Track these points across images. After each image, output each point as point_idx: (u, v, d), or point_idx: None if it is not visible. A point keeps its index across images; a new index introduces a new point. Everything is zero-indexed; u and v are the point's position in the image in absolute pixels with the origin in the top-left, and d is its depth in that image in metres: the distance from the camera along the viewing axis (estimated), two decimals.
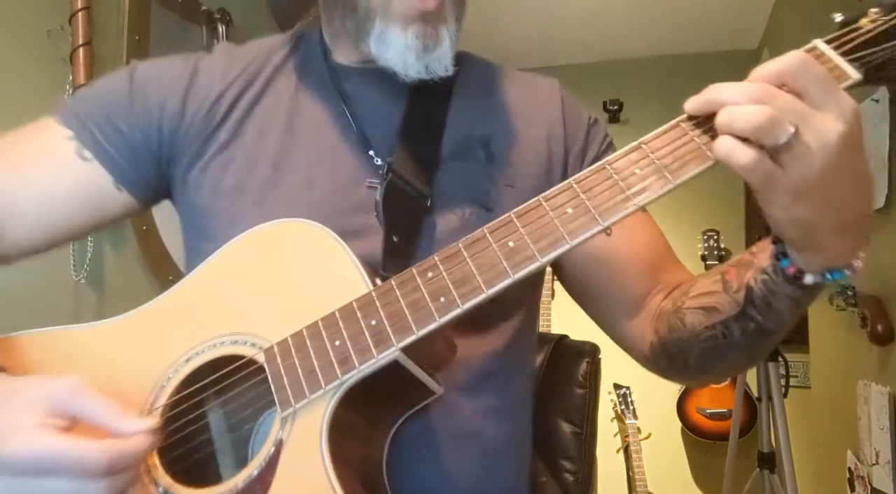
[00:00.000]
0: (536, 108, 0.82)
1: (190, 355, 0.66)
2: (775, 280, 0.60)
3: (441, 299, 0.58)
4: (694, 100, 0.54)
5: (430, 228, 0.73)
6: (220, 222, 0.74)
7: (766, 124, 0.49)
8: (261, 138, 0.76)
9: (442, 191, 0.74)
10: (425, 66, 0.72)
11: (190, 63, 0.79)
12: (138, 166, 0.77)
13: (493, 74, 0.85)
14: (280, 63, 0.81)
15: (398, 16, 0.70)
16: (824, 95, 0.50)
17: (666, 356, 0.73)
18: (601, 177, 0.56)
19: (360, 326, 0.59)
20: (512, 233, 0.57)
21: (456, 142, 0.77)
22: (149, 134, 0.76)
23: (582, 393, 1.41)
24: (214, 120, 0.76)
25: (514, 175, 0.77)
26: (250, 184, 0.74)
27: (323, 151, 0.75)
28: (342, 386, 0.59)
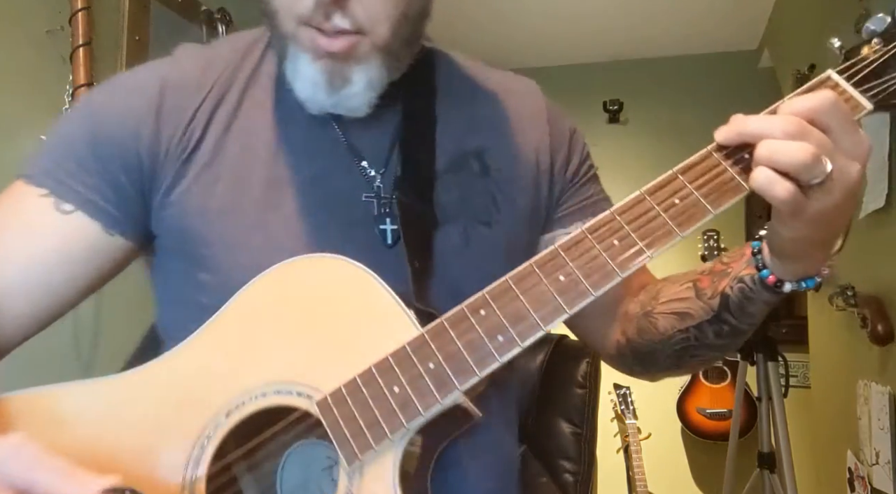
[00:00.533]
0: (522, 116, 0.80)
1: (229, 409, 0.61)
2: (753, 288, 0.64)
3: (499, 338, 0.57)
4: (726, 131, 0.56)
5: (438, 247, 0.71)
6: (216, 250, 0.69)
7: (811, 163, 0.52)
8: (246, 154, 0.71)
9: (442, 207, 0.72)
10: (333, 104, 0.68)
11: (153, 79, 0.72)
12: (124, 205, 0.70)
13: (473, 77, 0.82)
14: (255, 67, 0.75)
15: (307, 47, 0.66)
16: (850, 135, 0.54)
17: (634, 355, 0.76)
18: (642, 208, 0.58)
19: (419, 370, 0.58)
20: (561, 268, 0.58)
21: (450, 154, 0.75)
22: (128, 168, 0.70)
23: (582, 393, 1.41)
24: (192, 139, 0.70)
25: (510, 188, 0.76)
26: (243, 206, 0.69)
27: (315, 166, 0.71)
28: (408, 434, 0.58)
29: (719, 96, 3.34)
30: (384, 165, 0.72)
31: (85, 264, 0.70)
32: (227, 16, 2.02)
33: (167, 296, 0.75)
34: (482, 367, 0.57)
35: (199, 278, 0.69)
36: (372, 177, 0.72)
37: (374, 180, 0.71)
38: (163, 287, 0.76)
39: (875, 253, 1.80)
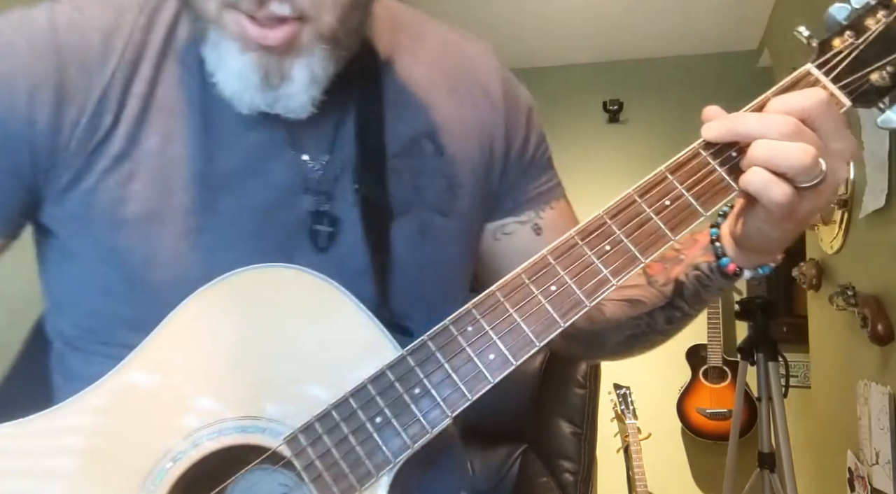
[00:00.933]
0: (479, 92, 0.70)
1: (176, 453, 0.52)
2: (710, 276, 0.62)
3: (490, 356, 0.53)
4: (716, 128, 0.54)
5: (395, 241, 0.63)
6: (131, 260, 0.57)
7: (811, 165, 0.50)
8: (169, 146, 0.58)
9: (396, 197, 0.63)
10: (270, 103, 0.57)
11: (43, 41, 0.56)
12: (9, 207, 0.59)
13: (425, 49, 0.70)
14: (169, 29, 0.60)
15: (233, 34, 0.53)
16: (840, 137, 0.52)
17: (582, 341, 0.74)
18: (631, 213, 0.55)
19: (404, 399, 0.52)
20: (554, 278, 0.54)
21: (401, 136, 0.65)
22: (14, 162, 0.57)
23: (582, 393, 1.41)
24: (101, 126, 0.57)
25: (463, 173, 0.67)
26: (168, 211, 0.57)
27: (251, 158, 0.60)
28: (394, 469, 0.52)
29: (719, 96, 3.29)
30: (327, 153, 0.62)
31: None
32: None
33: (65, 300, 0.63)
34: (474, 391, 0.53)
35: (104, 282, 0.59)
36: (308, 166, 0.62)
37: (315, 174, 0.61)
38: (58, 288, 0.64)
39: (875, 253, 1.80)
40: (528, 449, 1.42)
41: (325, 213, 0.61)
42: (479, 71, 0.72)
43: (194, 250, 0.57)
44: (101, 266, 0.59)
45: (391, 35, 0.68)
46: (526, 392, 1.44)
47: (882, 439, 1.66)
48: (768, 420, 2.25)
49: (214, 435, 0.52)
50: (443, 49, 0.71)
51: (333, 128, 0.63)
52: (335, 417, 0.52)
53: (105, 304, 0.58)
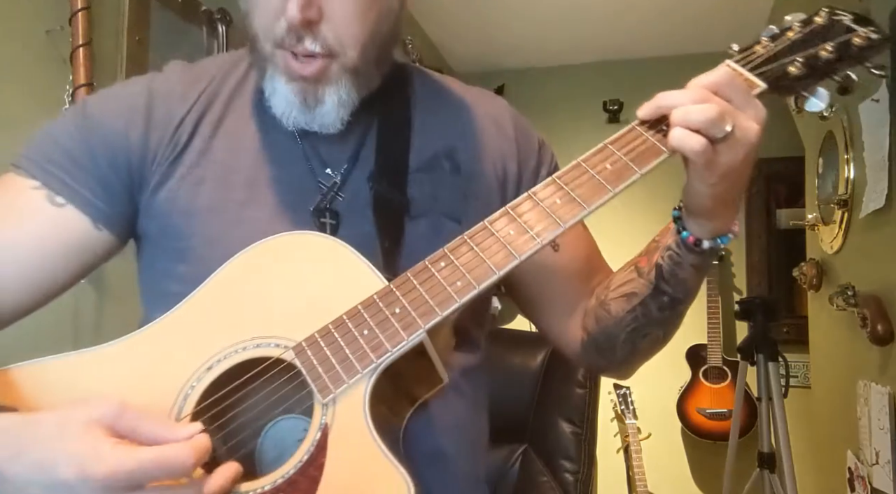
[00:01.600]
0: (490, 124, 0.86)
1: (211, 363, 0.66)
2: (679, 252, 0.73)
3: (457, 283, 0.65)
4: (646, 106, 0.67)
5: (409, 236, 0.76)
6: (197, 242, 0.74)
7: (715, 118, 0.62)
8: (231, 158, 0.77)
9: (415, 202, 0.78)
10: (307, 122, 0.75)
11: (143, 87, 0.78)
12: (113, 201, 0.75)
13: (446, 88, 0.89)
14: (238, 83, 0.81)
15: (282, 69, 0.73)
16: (746, 102, 0.65)
17: (595, 347, 0.83)
18: (577, 171, 0.68)
19: (385, 315, 0.65)
20: (511, 223, 0.67)
21: (423, 154, 0.81)
22: (117, 166, 0.75)
23: (582, 393, 1.41)
24: (179, 144, 0.76)
25: (478, 188, 0.82)
26: (227, 205, 0.75)
27: (289, 170, 0.78)
28: (377, 370, 0.63)
29: None
30: (345, 166, 0.79)
31: (74, 256, 0.74)
32: (228, 16, 2.02)
33: (147, 287, 0.80)
34: (444, 308, 0.64)
35: (177, 270, 0.74)
36: (328, 175, 0.78)
37: (332, 177, 0.78)
38: (145, 279, 0.80)
39: (875, 253, 1.80)
40: (528, 449, 1.42)
41: (328, 209, 0.76)
42: (492, 109, 0.88)
43: (244, 233, 0.71)
44: (177, 252, 0.74)
45: (421, 81, 0.87)
46: (526, 392, 1.44)
47: (882, 439, 1.66)
48: (768, 420, 2.25)
49: (240, 350, 0.67)
50: (462, 92, 0.89)
51: (355, 147, 0.80)
52: (333, 332, 0.65)
53: (181, 288, 0.70)
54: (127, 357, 0.68)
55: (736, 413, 2.44)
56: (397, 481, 0.59)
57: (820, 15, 0.71)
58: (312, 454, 0.62)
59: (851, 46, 0.69)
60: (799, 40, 0.70)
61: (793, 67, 0.69)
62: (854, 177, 1.94)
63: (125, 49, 1.71)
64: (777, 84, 0.69)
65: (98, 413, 0.55)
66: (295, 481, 0.61)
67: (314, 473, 0.61)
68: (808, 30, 0.71)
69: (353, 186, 0.78)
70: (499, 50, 3.51)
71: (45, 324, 0.73)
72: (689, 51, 3.50)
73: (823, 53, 0.69)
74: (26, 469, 0.53)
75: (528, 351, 1.49)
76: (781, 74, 0.69)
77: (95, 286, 1.61)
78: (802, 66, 0.69)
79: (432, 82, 0.89)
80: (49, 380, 0.67)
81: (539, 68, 3.70)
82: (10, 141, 1.43)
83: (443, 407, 0.76)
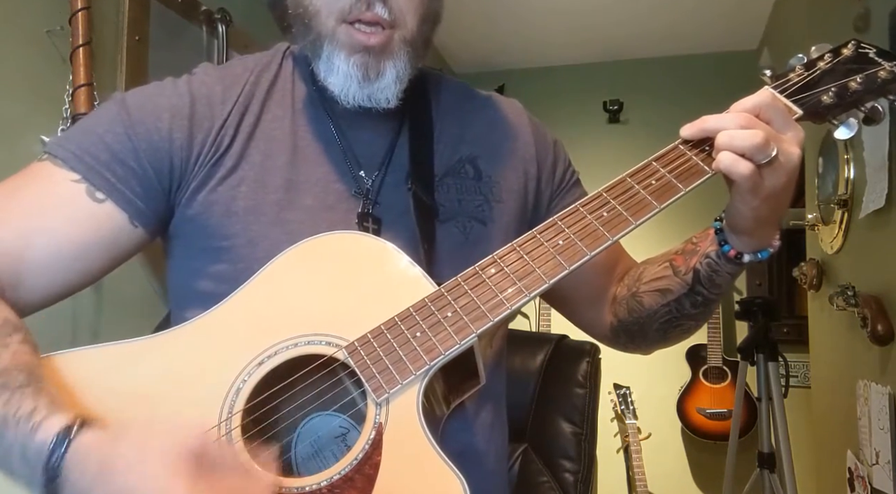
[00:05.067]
0: (509, 128, 0.90)
1: (262, 358, 0.67)
2: (718, 261, 0.76)
3: (508, 290, 0.67)
4: (690, 127, 0.70)
5: (440, 239, 0.80)
6: (237, 242, 0.76)
7: (762, 143, 0.64)
8: (268, 160, 0.79)
9: (443, 207, 0.81)
10: (367, 95, 0.77)
11: (183, 89, 0.80)
12: (150, 200, 0.77)
13: (464, 95, 0.91)
14: (270, 85, 0.83)
15: (343, 44, 0.75)
16: (787, 125, 0.69)
17: (627, 333, 0.88)
18: (622, 187, 0.70)
19: (438, 318, 0.66)
20: (559, 233, 0.69)
21: (446, 160, 0.84)
22: (159, 167, 0.76)
23: (582, 393, 1.41)
24: (222, 147, 0.78)
25: (501, 191, 0.85)
26: (265, 206, 0.77)
27: (322, 171, 0.80)
28: (430, 372, 0.65)
29: (719, 96, 3.32)
30: (377, 170, 0.81)
31: (107, 250, 0.76)
32: (227, 16, 2.02)
33: (178, 285, 0.82)
34: (495, 314, 0.66)
35: (214, 269, 0.76)
36: (362, 179, 0.81)
37: (366, 184, 0.80)
38: (176, 277, 0.82)
39: (875, 253, 1.80)
40: (527, 449, 1.42)
41: (369, 215, 0.79)
42: (510, 114, 0.91)
43: (284, 233, 0.75)
44: (216, 251, 0.76)
45: (441, 87, 0.90)
46: (526, 391, 1.44)
47: (882, 439, 1.66)
48: (768, 420, 2.25)
49: (291, 346, 0.68)
50: (481, 98, 0.92)
51: (385, 152, 0.82)
52: (385, 333, 0.66)
53: (216, 287, 0.73)
54: (175, 349, 0.69)
55: (736, 413, 2.43)
56: (452, 481, 0.61)
57: (847, 47, 0.75)
58: (367, 452, 0.63)
59: (877, 79, 0.73)
60: (829, 70, 0.74)
61: (826, 96, 0.73)
62: (854, 177, 1.93)
63: (125, 49, 1.71)
64: (812, 111, 0.73)
65: (183, 448, 0.54)
66: (351, 478, 0.62)
67: (370, 471, 0.62)
68: (837, 61, 0.75)
69: (388, 191, 0.81)
70: (499, 50, 3.51)
71: (43, 328, 0.73)
72: (689, 51, 3.50)
73: (853, 84, 0.72)
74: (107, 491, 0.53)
75: (528, 351, 1.49)
76: (816, 102, 0.73)
77: (94, 289, 1.61)
78: (835, 96, 0.72)
79: (453, 88, 0.91)
80: (97, 371, 0.67)
81: (539, 68, 3.70)
82: (11, 140, 1.43)
83: (476, 407, 0.80)
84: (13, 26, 1.46)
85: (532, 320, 3.10)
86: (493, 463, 0.83)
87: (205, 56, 1.97)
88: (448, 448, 0.72)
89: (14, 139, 1.44)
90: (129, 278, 1.70)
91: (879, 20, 1.69)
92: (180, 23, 1.91)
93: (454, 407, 0.74)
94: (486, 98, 0.92)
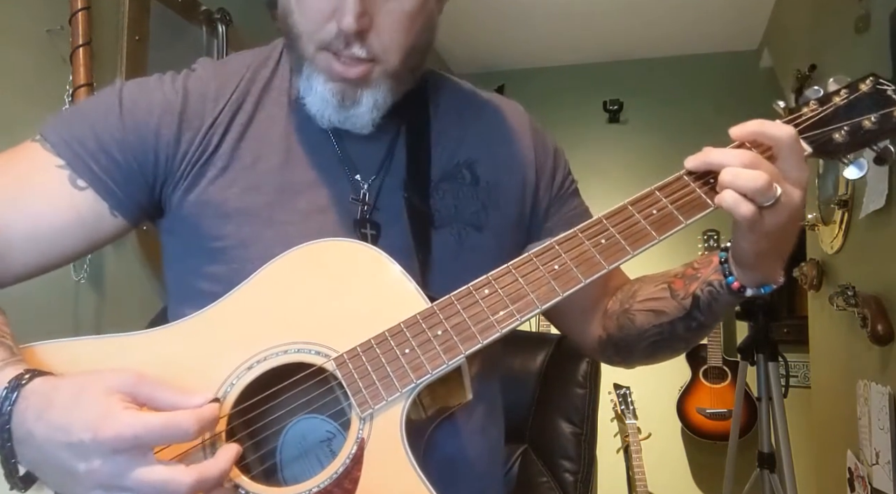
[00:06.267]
0: (509, 133, 0.88)
1: (251, 363, 0.67)
2: (720, 291, 0.75)
3: (500, 313, 0.66)
4: (693, 159, 0.68)
5: (434, 245, 0.79)
6: (230, 243, 0.76)
7: (765, 187, 0.63)
8: (260, 162, 0.78)
9: (439, 213, 0.81)
10: (343, 119, 0.76)
11: (178, 85, 0.80)
12: (132, 192, 0.77)
13: (465, 97, 0.90)
14: (267, 82, 0.83)
15: (322, 70, 0.74)
16: (799, 168, 0.67)
17: (614, 348, 0.87)
18: (623, 215, 0.69)
19: (428, 336, 0.66)
20: (556, 258, 0.68)
21: (444, 164, 0.83)
22: (144, 161, 0.77)
23: (582, 393, 1.41)
24: (210, 146, 0.78)
25: (498, 197, 0.84)
26: (257, 207, 0.77)
27: (315, 174, 0.79)
28: (416, 390, 0.65)
29: (719, 96, 3.34)
30: (375, 174, 0.80)
31: (85, 234, 0.77)
32: (227, 16, 2.02)
33: (175, 282, 0.82)
34: (485, 336, 0.65)
35: (210, 269, 0.77)
36: (360, 186, 0.80)
37: (362, 188, 0.79)
38: (173, 274, 0.83)
39: (875, 253, 1.80)
40: (527, 450, 1.42)
41: (369, 220, 0.78)
42: (511, 118, 0.90)
43: (276, 235, 0.74)
44: (209, 252, 0.77)
45: (442, 89, 0.89)
46: (526, 392, 1.44)
47: (882, 439, 1.66)
48: (768, 420, 2.25)
49: (281, 353, 0.67)
50: (482, 101, 0.90)
51: (383, 156, 0.81)
52: (375, 347, 0.66)
53: (211, 287, 0.74)
54: (166, 347, 0.69)
55: (736, 413, 2.43)
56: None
57: (866, 83, 0.73)
58: (348, 466, 0.63)
59: (892, 119, 0.71)
60: (844, 106, 0.72)
61: (838, 135, 0.71)
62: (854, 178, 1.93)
63: (125, 49, 1.71)
64: (822, 149, 0.72)
65: (116, 382, 0.57)
66: (330, 491, 0.62)
67: (349, 486, 0.63)
68: (853, 96, 0.73)
69: (386, 196, 0.80)
70: (499, 50, 3.51)
71: (45, 324, 0.73)
72: (689, 51, 3.50)
73: (867, 123, 0.71)
74: (48, 428, 0.56)
75: (528, 351, 1.49)
76: (827, 140, 0.71)
77: (95, 286, 1.61)
78: (847, 135, 0.71)
79: (453, 90, 0.90)
80: (82, 362, 0.68)
81: (539, 68, 3.70)
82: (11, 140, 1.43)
83: (466, 415, 0.79)
84: (13, 26, 1.46)
85: (532, 320, 3.10)
86: (484, 465, 0.82)
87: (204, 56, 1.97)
88: (435, 455, 0.73)
89: (14, 139, 1.44)
90: (130, 277, 1.70)
91: (880, 22, 1.69)
92: (180, 23, 1.91)
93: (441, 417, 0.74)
94: (486, 100, 0.91)
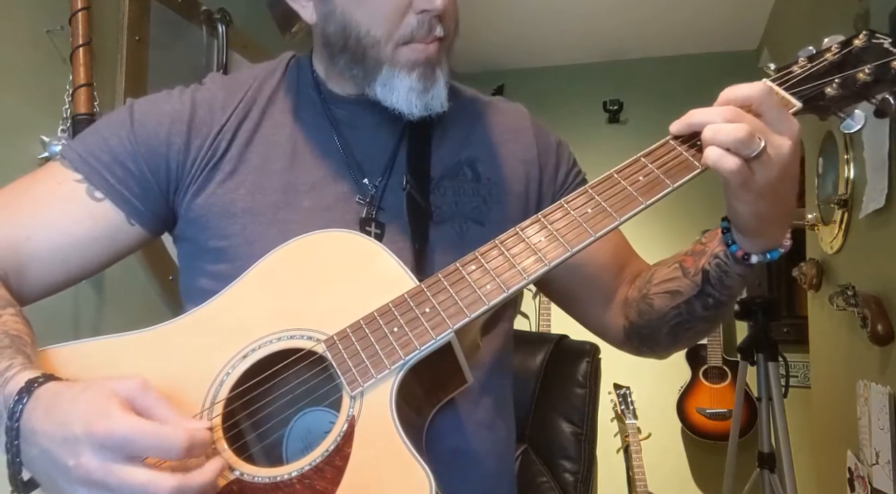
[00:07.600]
0: (510, 132, 0.91)
1: (246, 352, 0.69)
2: (727, 262, 0.73)
3: (487, 286, 0.67)
4: (678, 122, 0.68)
5: (435, 240, 0.81)
6: (236, 242, 0.79)
7: (746, 138, 0.62)
8: (266, 164, 0.82)
9: (440, 209, 0.83)
10: (424, 104, 0.80)
11: (186, 97, 0.84)
12: (148, 201, 0.81)
13: (466, 101, 0.92)
14: (273, 92, 0.87)
15: (405, 63, 0.78)
16: (780, 118, 0.65)
17: (638, 336, 0.86)
18: (610, 183, 0.68)
19: (415, 314, 0.67)
20: (542, 229, 0.68)
21: (445, 163, 0.85)
22: (156, 170, 0.81)
23: (582, 393, 1.41)
24: (218, 151, 0.82)
25: (500, 193, 0.86)
26: (262, 208, 0.80)
27: (320, 173, 0.82)
28: (405, 366, 0.66)
29: None
30: (380, 175, 0.83)
31: (105, 245, 0.81)
32: (227, 16, 2.02)
33: (186, 284, 0.86)
34: (473, 310, 0.66)
35: (215, 268, 0.80)
36: (366, 185, 0.82)
37: (370, 190, 0.82)
38: (184, 277, 0.86)
39: (875, 253, 1.80)
40: (527, 450, 1.42)
41: (373, 219, 0.81)
42: (512, 117, 0.93)
43: (280, 233, 0.76)
44: (215, 251, 0.80)
45: None
46: (526, 391, 1.44)
47: (882, 439, 1.66)
48: (768, 420, 2.25)
49: (275, 340, 0.69)
50: (483, 102, 0.93)
51: (388, 158, 0.84)
52: (363, 327, 0.67)
53: (215, 285, 0.75)
54: (166, 342, 0.71)
55: (736, 413, 2.43)
56: (419, 474, 0.61)
57: (859, 38, 0.71)
58: (339, 444, 0.64)
59: (890, 70, 0.68)
60: (837, 61, 0.70)
61: (830, 88, 0.69)
62: (854, 177, 1.93)
63: (125, 49, 1.71)
64: (813, 103, 0.70)
65: (120, 386, 0.58)
66: (321, 469, 0.63)
67: (339, 463, 0.63)
68: (846, 51, 0.70)
69: (389, 195, 0.83)
70: (499, 50, 3.51)
71: (45, 326, 0.73)
72: (688, 51, 3.50)
73: (861, 75, 0.68)
74: (50, 426, 0.58)
75: (527, 351, 1.49)
76: (818, 94, 0.69)
77: (95, 288, 1.61)
78: (839, 88, 0.69)
79: (455, 95, 0.91)
80: (91, 361, 0.70)
81: (539, 68, 3.70)
82: (11, 140, 1.44)
83: (470, 406, 0.79)
84: (13, 26, 1.46)
85: (532, 320, 3.11)
86: (494, 464, 0.82)
87: (205, 56, 1.97)
88: (438, 447, 0.72)
89: (14, 139, 1.44)
90: (130, 278, 1.70)
91: (879, 20, 1.69)
92: (180, 23, 1.91)
93: (443, 405, 0.74)
94: (488, 103, 0.93)
